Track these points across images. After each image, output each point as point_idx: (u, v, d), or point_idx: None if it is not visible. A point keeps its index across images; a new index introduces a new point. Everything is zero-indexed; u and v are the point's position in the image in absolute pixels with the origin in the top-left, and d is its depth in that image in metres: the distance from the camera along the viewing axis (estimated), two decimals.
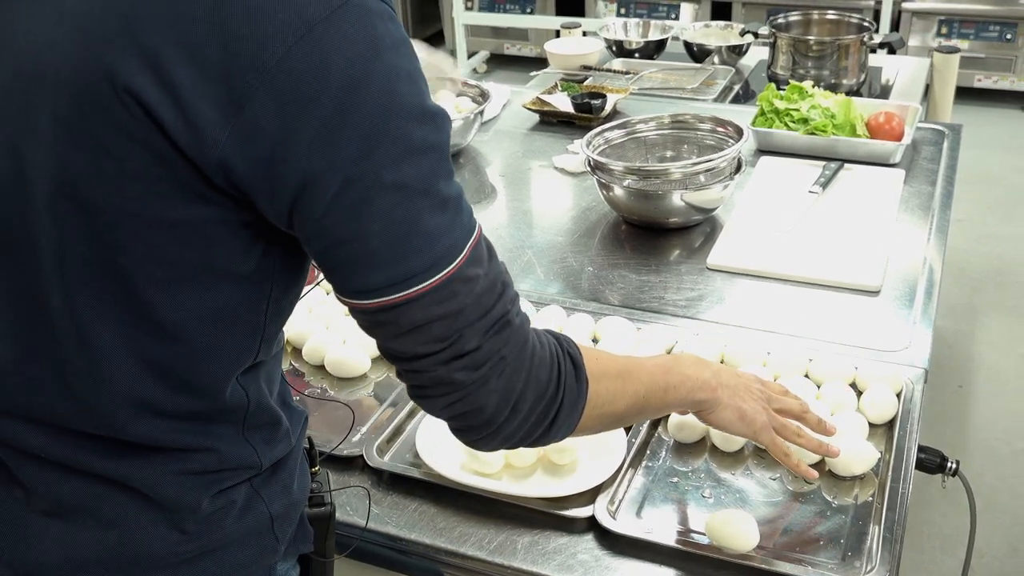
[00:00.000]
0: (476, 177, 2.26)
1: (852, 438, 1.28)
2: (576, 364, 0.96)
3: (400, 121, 0.79)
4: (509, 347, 0.89)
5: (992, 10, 4.89)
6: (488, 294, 0.87)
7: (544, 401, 0.92)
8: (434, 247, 0.83)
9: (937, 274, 1.74)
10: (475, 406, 0.89)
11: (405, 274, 0.82)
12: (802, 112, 2.22)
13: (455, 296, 0.84)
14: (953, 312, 3.38)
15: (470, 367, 0.87)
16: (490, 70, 6.01)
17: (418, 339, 0.85)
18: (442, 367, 0.86)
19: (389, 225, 0.80)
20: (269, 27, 0.74)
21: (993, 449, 2.77)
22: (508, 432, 0.92)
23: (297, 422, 1.05)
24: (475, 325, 0.86)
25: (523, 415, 0.91)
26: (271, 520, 0.99)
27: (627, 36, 3.18)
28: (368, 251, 0.81)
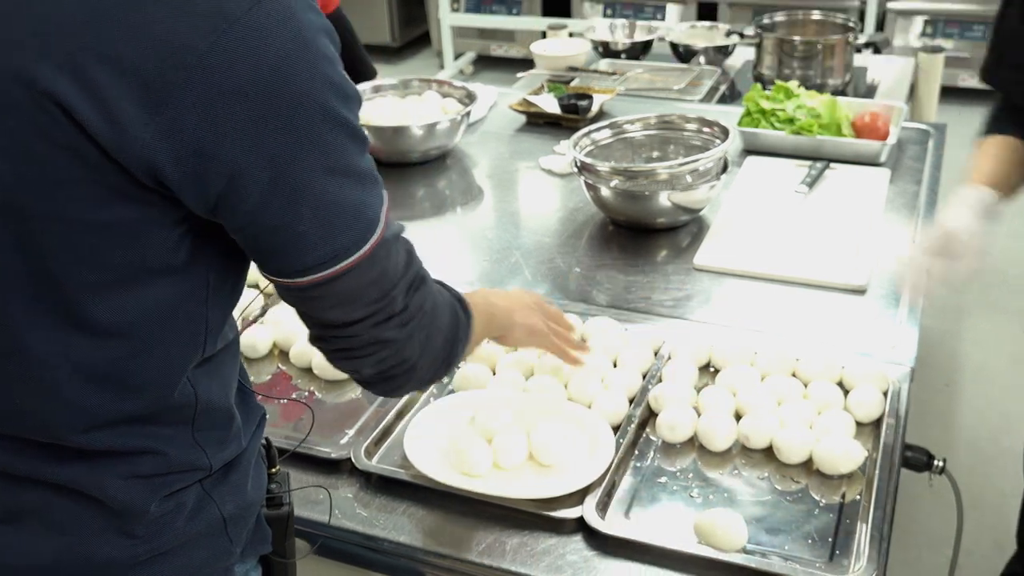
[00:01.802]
0: (463, 179, 2.26)
1: (839, 437, 1.29)
2: (462, 304, 1.09)
3: (324, 108, 0.80)
4: (428, 301, 0.99)
5: (977, 10, 4.92)
6: (403, 256, 0.94)
7: (450, 342, 1.03)
8: (360, 221, 0.87)
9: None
10: (401, 358, 0.97)
11: (337, 250, 0.86)
12: (788, 112, 2.23)
13: (381, 262, 0.90)
14: (939, 311, 3.40)
15: (400, 325, 0.94)
16: (476, 71, 6.01)
17: (353, 307, 0.90)
18: (375, 329, 0.93)
19: (319, 208, 0.83)
20: (190, 23, 0.74)
21: (979, 447, 2.78)
22: (423, 375, 1.02)
23: (252, 422, 1.05)
24: (399, 286, 0.93)
25: (434, 357, 1.01)
26: (223, 521, 0.99)
27: (613, 37, 3.18)
28: (300, 234, 0.84)
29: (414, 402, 1.43)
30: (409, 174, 2.26)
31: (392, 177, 2.25)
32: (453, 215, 2.07)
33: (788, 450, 1.28)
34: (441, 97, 2.43)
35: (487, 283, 1.77)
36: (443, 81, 2.49)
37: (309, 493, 1.27)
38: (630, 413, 1.37)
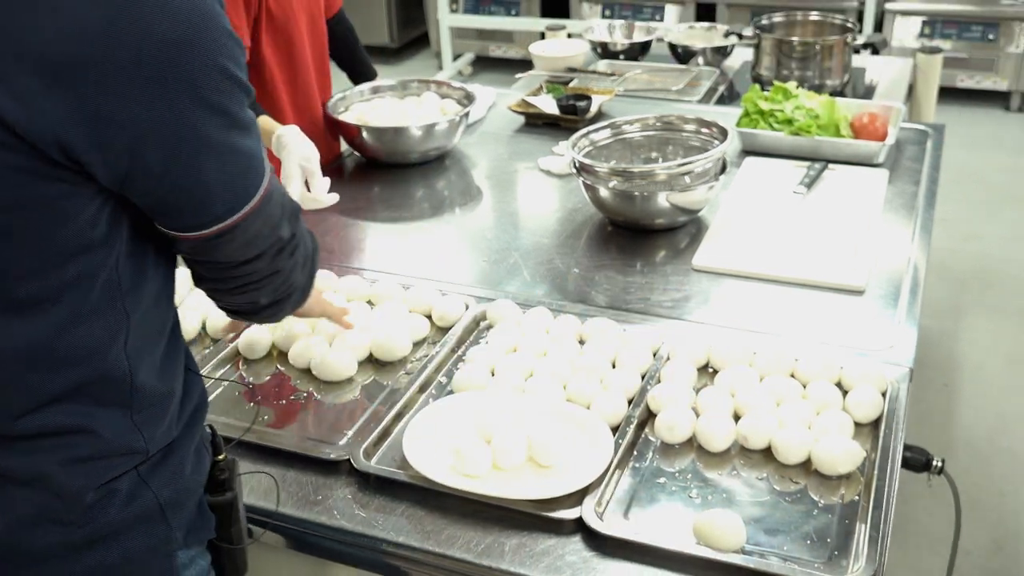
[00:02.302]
0: (462, 179, 2.26)
1: (838, 437, 1.29)
2: (310, 234, 1.14)
3: (219, 67, 0.86)
4: (303, 228, 1.07)
5: (975, 11, 4.92)
6: (282, 189, 1.02)
7: (313, 265, 1.11)
8: (254, 165, 0.94)
9: (921, 273, 1.75)
10: (290, 283, 1.06)
11: (240, 197, 0.93)
12: (786, 113, 2.23)
13: (273, 198, 0.98)
14: (938, 311, 3.40)
15: (291, 253, 1.03)
16: (475, 72, 6.01)
17: (256, 244, 0.98)
18: (272, 260, 1.01)
19: (221, 160, 0.90)
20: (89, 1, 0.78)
21: (978, 447, 2.78)
22: (299, 299, 1.10)
23: (191, 407, 1.07)
24: (286, 216, 1.01)
25: (308, 278, 1.10)
26: (160, 507, 1.01)
27: (612, 38, 3.18)
28: (207, 187, 0.90)
29: (413, 403, 1.44)
30: (408, 175, 2.26)
31: (391, 178, 2.25)
32: (452, 216, 2.07)
33: (787, 451, 1.28)
34: (440, 98, 2.43)
35: (487, 284, 1.77)
36: (442, 82, 2.49)
37: (308, 493, 1.27)
38: (629, 414, 1.37)
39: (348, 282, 1.72)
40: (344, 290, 1.70)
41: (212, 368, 1.52)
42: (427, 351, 1.57)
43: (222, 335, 1.60)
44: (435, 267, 1.85)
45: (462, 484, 1.24)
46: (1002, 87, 5.02)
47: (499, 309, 1.62)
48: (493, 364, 1.48)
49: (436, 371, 1.51)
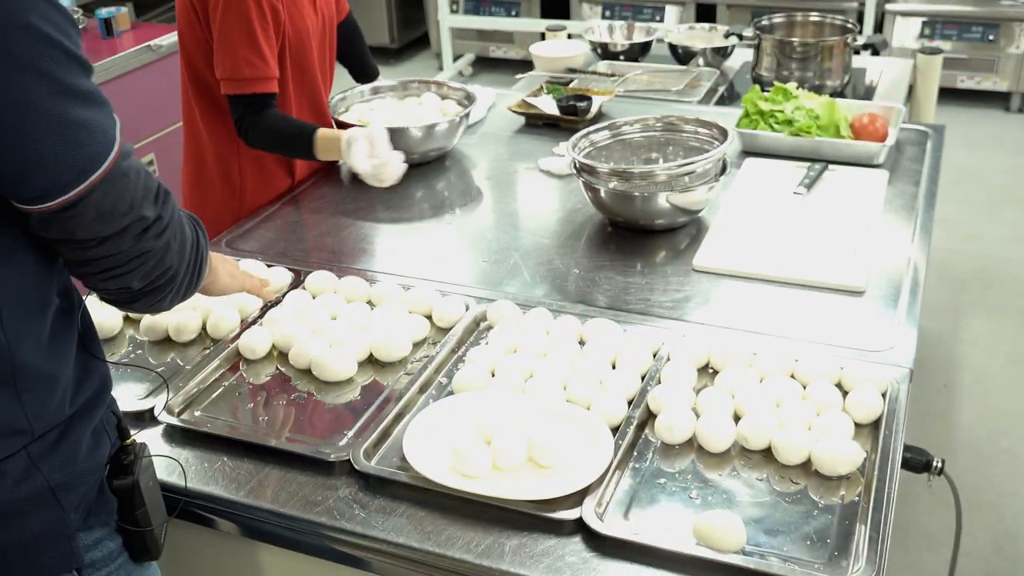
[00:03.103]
0: (462, 180, 2.26)
1: (838, 438, 1.29)
2: (196, 221, 1.16)
3: (41, 34, 0.88)
4: (175, 211, 1.07)
5: (975, 11, 4.92)
6: (142, 171, 1.02)
7: (197, 251, 1.12)
8: (96, 137, 0.95)
9: (921, 274, 1.75)
10: (165, 267, 1.06)
11: (81, 166, 0.94)
12: (786, 114, 2.23)
13: (126, 175, 0.98)
14: (938, 312, 3.40)
15: (157, 234, 1.03)
16: (475, 73, 6.01)
17: (110, 221, 0.98)
18: (136, 241, 1.01)
19: (54, 127, 0.91)
20: None
21: (978, 448, 2.78)
22: (183, 287, 1.11)
23: (89, 390, 1.08)
24: (148, 197, 1.01)
25: (189, 267, 1.10)
26: (51, 490, 1.03)
27: (612, 38, 3.18)
28: (43, 155, 0.91)
29: (413, 404, 1.44)
30: (408, 175, 2.26)
31: None
32: (452, 216, 2.07)
33: (787, 451, 1.28)
34: (440, 99, 2.43)
35: (487, 284, 1.77)
36: (442, 82, 2.49)
37: (308, 494, 1.27)
38: (629, 414, 1.37)
39: (348, 282, 1.72)
40: (344, 291, 1.70)
41: (214, 369, 1.52)
42: (427, 352, 1.57)
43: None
44: (435, 268, 1.85)
45: (462, 485, 1.24)
46: (1002, 88, 5.02)
47: (499, 310, 1.62)
48: (493, 365, 1.48)
49: (436, 372, 1.51)
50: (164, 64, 3.36)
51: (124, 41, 3.32)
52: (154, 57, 3.31)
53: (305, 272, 1.78)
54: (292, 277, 1.77)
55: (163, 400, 1.42)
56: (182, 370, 1.53)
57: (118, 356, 1.59)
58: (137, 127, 3.28)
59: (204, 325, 1.64)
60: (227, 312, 1.63)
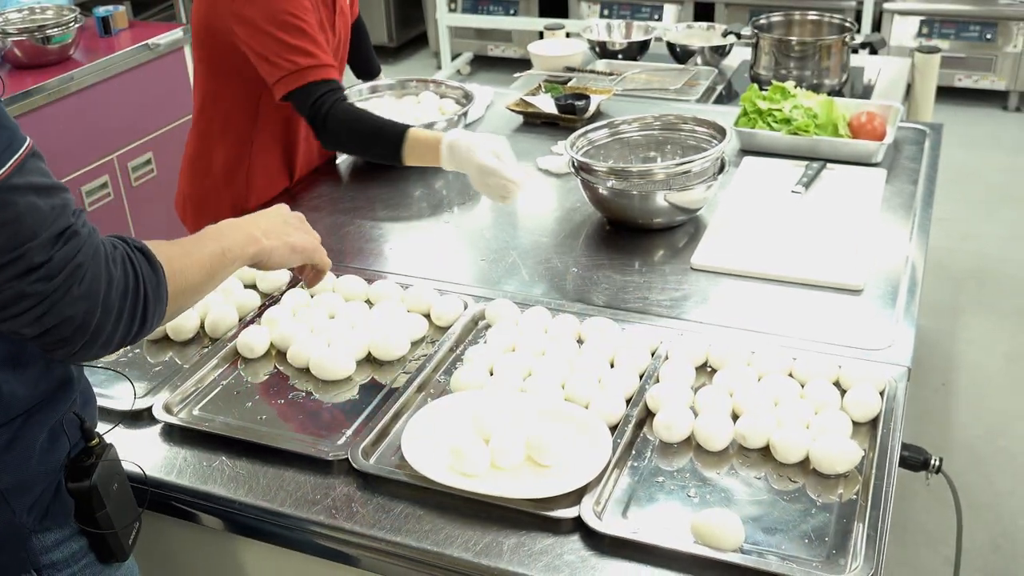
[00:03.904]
0: (460, 179, 2.26)
1: (836, 436, 1.29)
2: (146, 254, 1.04)
3: None
4: (82, 254, 0.95)
5: (973, 10, 4.93)
6: (48, 207, 0.93)
7: (129, 296, 1.00)
8: None
9: (919, 273, 1.75)
10: (63, 316, 0.94)
11: None
12: (784, 112, 2.23)
13: (9, 207, 0.90)
14: (935, 310, 3.40)
15: (45, 278, 0.92)
16: (474, 72, 6.01)
17: None
18: (16, 281, 0.91)
19: None
20: None
21: (976, 447, 2.78)
22: (106, 336, 0.98)
23: (36, 397, 1.06)
24: (40, 238, 0.92)
25: (114, 315, 0.98)
26: (1, 493, 1.02)
27: (610, 37, 3.18)
28: None
29: (411, 402, 1.44)
30: (406, 174, 2.26)
31: (389, 177, 2.25)
32: (450, 215, 2.07)
33: (785, 450, 1.28)
34: (438, 97, 2.43)
35: (485, 283, 1.77)
36: (440, 81, 2.50)
37: (306, 493, 1.27)
38: (627, 413, 1.37)
39: (346, 282, 1.72)
40: (342, 289, 1.70)
41: (212, 368, 1.52)
42: (425, 350, 1.57)
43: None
44: (433, 266, 1.85)
45: (460, 483, 1.24)
46: (1000, 87, 5.03)
47: (497, 308, 1.62)
48: (491, 363, 1.48)
49: (434, 370, 1.51)
50: (162, 63, 3.36)
51: (121, 40, 3.32)
52: (152, 56, 3.31)
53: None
54: (290, 276, 1.77)
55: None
56: (180, 369, 1.53)
57: (115, 356, 1.58)
58: (134, 125, 3.28)
59: (202, 324, 1.64)
60: (225, 311, 1.63)
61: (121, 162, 3.23)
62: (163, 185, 3.34)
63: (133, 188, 3.29)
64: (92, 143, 3.12)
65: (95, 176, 3.14)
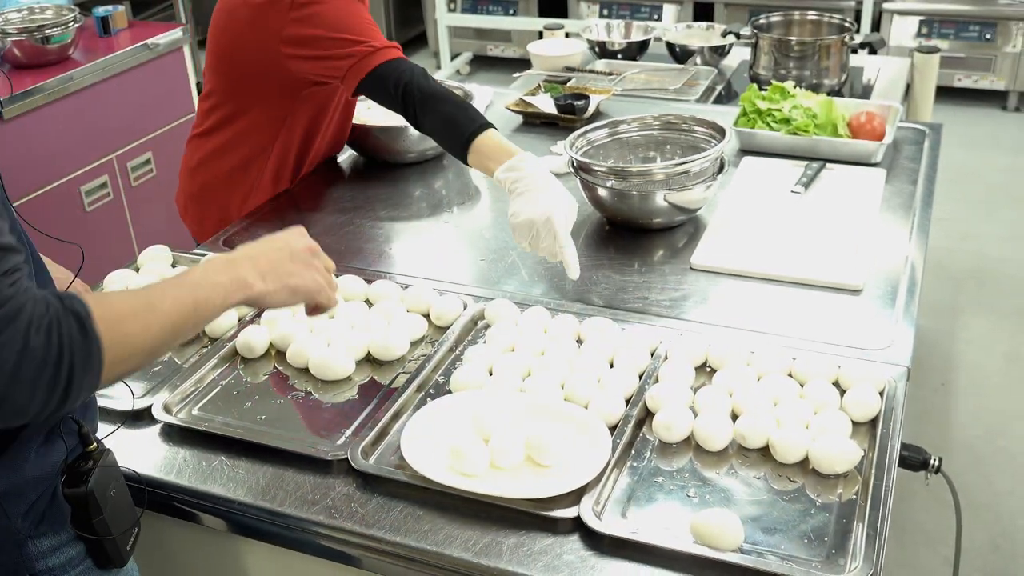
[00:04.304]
0: (459, 179, 2.26)
1: (835, 436, 1.29)
2: (82, 319, 0.94)
3: None
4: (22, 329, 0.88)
5: (972, 10, 4.93)
6: None
7: (48, 368, 0.90)
8: None
9: (919, 273, 1.75)
10: None
11: None
12: (784, 112, 2.23)
13: None
14: (935, 310, 3.41)
15: None
16: (473, 71, 6.01)
17: None
18: None
19: None
20: None
21: (975, 446, 2.78)
22: (19, 406, 0.90)
23: None
24: None
25: (27, 387, 0.90)
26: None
27: (610, 37, 3.18)
28: None
29: (411, 402, 1.44)
30: (405, 174, 2.26)
31: (388, 177, 2.25)
32: (450, 215, 2.07)
33: (784, 450, 1.28)
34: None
35: (484, 283, 1.77)
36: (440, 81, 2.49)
37: (305, 493, 1.27)
38: (627, 413, 1.37)
39: (346, 282, 1.72)
40: (342, 289, 1.70)
41: (211, 368, 1.52)
42: (425, 350, 1.57)
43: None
44: (433, 266, 1.85)
45: (460, 483, 1.24)
46: (999, 87, 5.03)
47: (497, 308, 1.62)
48: (491, 363, 1.48)
49: (434, 370, 1.51)
50: (161, 63, 3.35)
51: (121, 40, 3.32)
52: (151, 56, 3.30)
53: None
54: None
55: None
56: (180, 369, 1.53)
57: None
58: (134, 125, 3.28)
59: None
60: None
61: (121, 162, 3.23)
62: (163, 185, 3.34)
63: (133, 188, 3.29)
64: (92, 143, 3.12)
65: (95, 176, 3.14)
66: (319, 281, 1.23)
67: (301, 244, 1.23)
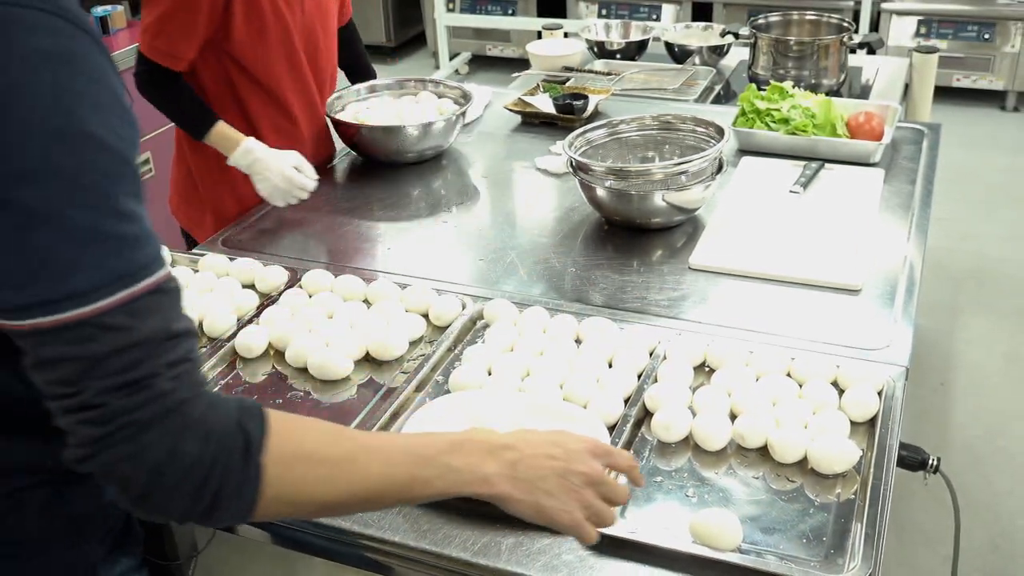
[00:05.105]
0: (459, 179, 2.26)
1: (834, 436, 1.29)
2: (249, 442, 0.86)
3: (25, 138, 0.75)
4: (146, 412, 0.81)
5: (971, 10, 4.93)
6: (136, 350, 0.80)
7: (193, 479, 0.83)
8: (63, 281, 0.77)
9: (917, 272, 1.76)
10: (105, 469, 0.82)
11: (30, 301, 0.77)
12: (783, 112, 2.23)
13: (90, 341, 0.78)
14: (934, 310, 3.41)
15: (95, 422, 0.80)
16: (472, 71, 6.01)
17: (47, 376, 0.80)
18: (69, 415, 0.80)
19: (11, 245, 0.76)
20: None
21: (974, 446, 2.78)
22: (155, 504, 0.84)
23: None
24: (107, 379, 0.79)
25: (168, 490, 0.83)
26: (75, 521, 0.98)
27: (608, 37, 3.18)
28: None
29: (410, 402, 1.44)
30: (404, 174, 2.26)
31: (387, 177, 2.25)
32: (449, 215, 2.07)
33: (783, 450, 1.29)
34: (437, 97, 2.43)
35: (483, 283, 1.77)
36: (438, 81, 2.49)
37: None
38: (626, 413, 1.37)
39: (345, 281, 1.72)
40: (340, 289, 1.70)
41: (210, 368, 1.52)
42: (424, 350, 1.57)
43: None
44: (432, 266, 1.85)
45: None
46: (998, 86, 5.03)
47: (496, 308, 1.62)
48: (490, 363, 1.48)
49: (433, 370, 1.51)
50: None
51: (119, 39, 3.32)
52: None
53: (301, 271, 1.77)
54: (288, 276, 1.77)
55: None
56: None
57: None
58: None
59: (201, 324, 1.64)
60: (224, 311, 1.63)
61: None
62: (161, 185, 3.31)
63: None
64: None
65: None
66: (576, 518, 1.03)
67: (582, 467, 1.04)
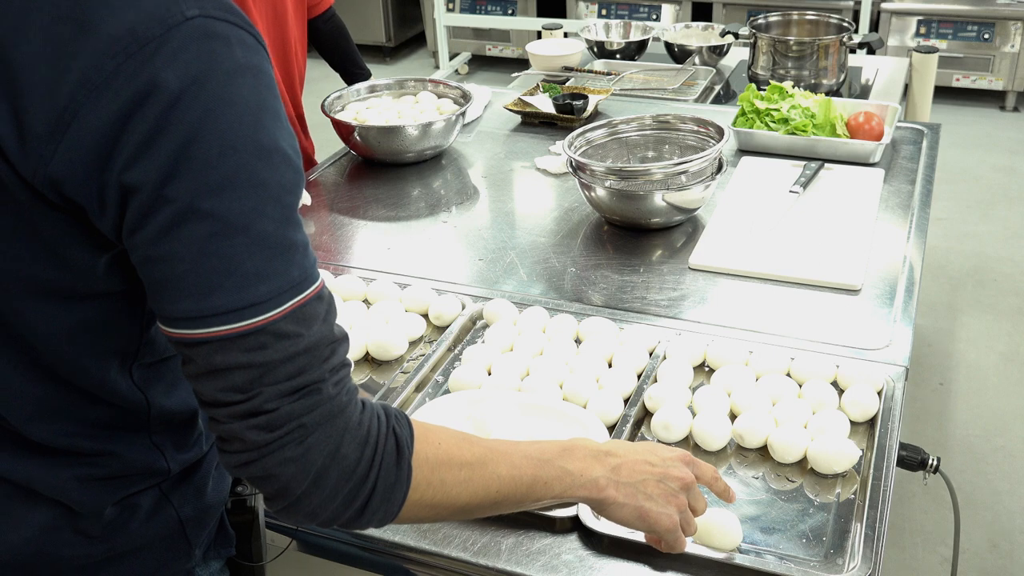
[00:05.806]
0: (458, 179, 2.26)
1: (834, 436, 1.29)
2: (401, 446, 0.88)
3: (226, 149, 0.76)
4: (313, 416, 0.82)
5: (970, 10, 4.93)
6: (304, 356, 0.81)
7: (352, 482, 0.84)
8: (247, 290, 0.78)
9: (917, 272, 1.76)
10: (268, 473, 0.82)
11: (211, 310, 0.78)
12: (782, 112, 2.23)
13: (264, 349, 0.79)
14: (933, 310, 3.41)
15: (264, 427, 0.81)
16: (472, 71, 6.01)
17: (217, 384, 0.80)
18: (237, 422, 0.81)
19: (199, 254, 0.76)
20: (100, 44, 0.73)
21: (973, 446, 2.78)
22: (310, 508, 0.84)
23: None
24: (279, 385, 0.80)
25: (327, 493, 0.84)
26: (181, 524, 0.99)
27: (608, 37, 3.18)
28: (176, 275, 0.77)
29: (409, 402, 1.44)
30: (404, 174, 2.26)
31: (387, 177, 2.25)
32: (448, 215, 2.07)
33: (783, 450, 1.29)
34: (436, 97, 2.43)
35: (483, 283, 1.77)
36: (438, 81, 2.49)
37: None
38: (625, 413, 1.37)
39: (344, 281, 1.72)
40: (340, 289, 1.70)
41: None
42: (423, 350, 1.57)
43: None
44: (431, 266, 1.85)
45: None
46: (998, 87, 5.03)
47: (495, 308, 1.62)
48: (489, 363, 1.48)
49: (432, 370, 1.51)
50: None
51: None
52: None
53: None
54: None
55: None
56: None
57: None
58: None
59: None
60: None
61: None
62: None
63: None
64: None
65: None
66: (675, 520, 1.05)
67: (678, 473, 1.07)
